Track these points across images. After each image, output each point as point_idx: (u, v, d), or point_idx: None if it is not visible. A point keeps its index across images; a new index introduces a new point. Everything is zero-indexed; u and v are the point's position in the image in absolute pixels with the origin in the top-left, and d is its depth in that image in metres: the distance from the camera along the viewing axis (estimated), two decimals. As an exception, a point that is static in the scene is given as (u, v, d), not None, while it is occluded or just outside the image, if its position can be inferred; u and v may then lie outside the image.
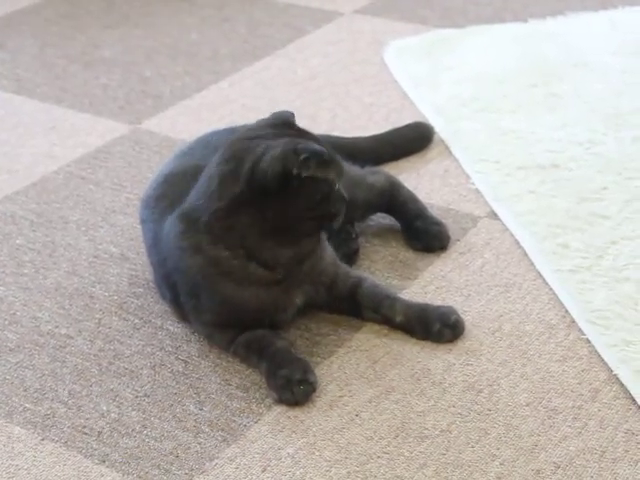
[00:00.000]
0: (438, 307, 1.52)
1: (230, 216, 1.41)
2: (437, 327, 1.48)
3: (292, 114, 1.49)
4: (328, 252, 1.52)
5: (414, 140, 1.96)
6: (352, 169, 1.70)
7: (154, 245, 1.54)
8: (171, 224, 1.48)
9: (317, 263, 1.49)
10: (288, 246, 1.43)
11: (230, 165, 1.41)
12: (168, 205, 1.53)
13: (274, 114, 1.49)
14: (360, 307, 1.53)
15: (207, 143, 1.64)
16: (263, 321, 1.47)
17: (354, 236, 1.67)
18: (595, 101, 2.09)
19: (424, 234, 1.68)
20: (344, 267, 1.55)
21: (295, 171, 1.36)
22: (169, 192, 1.56)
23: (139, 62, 2.44)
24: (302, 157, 1.36)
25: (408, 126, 1.98)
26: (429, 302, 1.55)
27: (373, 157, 1.87)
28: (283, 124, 1.46)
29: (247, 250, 1.42)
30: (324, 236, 1.51)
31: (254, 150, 1.39)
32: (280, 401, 1.39)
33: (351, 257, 1.65)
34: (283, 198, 1.38)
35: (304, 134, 1.45)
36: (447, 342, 1.48)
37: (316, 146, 1.39)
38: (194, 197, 1.46)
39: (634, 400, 1.36)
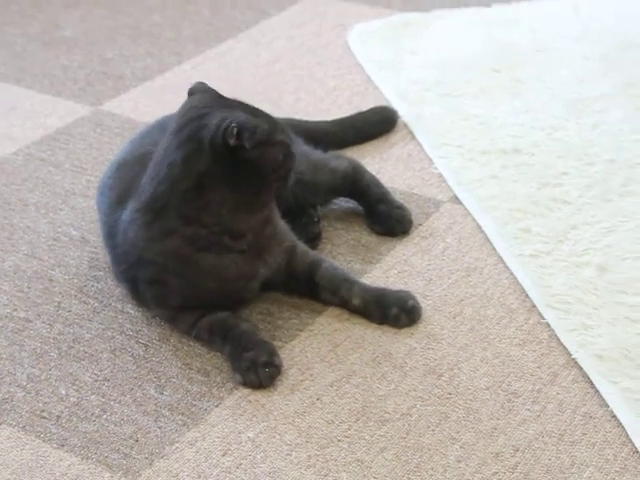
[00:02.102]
0: (396, 292, 1.52)
1: (201, 195, 1.40)
2: (394, 312, 1.49)
3: (205, 84, 1.48)
4: (280, 222, 1.53)
5: (378, 124, 1.96)
6: (314, 153, 1.71)
7: (109, 236, 1.53)
8: (131, 218, 1.46)
9: (274, 230, 1.49)
10: (256, 213, 1.44)
11: (191, 144, 1.40)
12: (121, 194, 1.51)
13: (193, 87, 1.48)
14: (318, 288, 1.53)
15: (162, 128, 1.62)
16: (235, 294, 1.47)
17: (316, 220, 1.67)
18: (557, 87, 2.10)
19: (387, 218, 1.69)
20: (303, 245, 1.55)
21: (259, 138, 1.36)
22: (122, 180, 1.54)
23: (100, 42, 2.41)
24: (262, 127, 1.37)
25: (372, 110, 1.98)
26: (391, 286, 1.55)
27: (337, 141, 1.87)
28: (217, 97, 1.45)
29: (221, 224, 1.42)
30: (274, 205, 1.51)
31: (210, 125, 1.38)
32: (244, 384, 1.39)
33: (313, 241, 1.64)
34: (250, 166, 1.39)
35: (241, 105, 1.45)
36: (403, 327, 1.48)
37: (264, 113, 1.43)
38: (152, 185, 1.44)
39: (592, 384, 1.38)
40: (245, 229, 1.44)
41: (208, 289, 1.46)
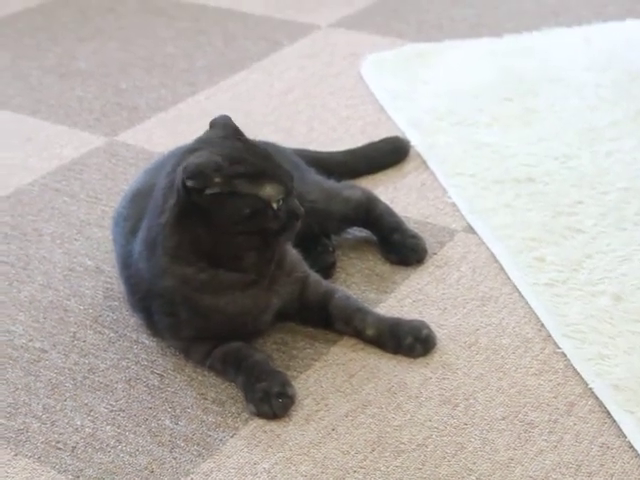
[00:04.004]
0: (410, 321, 1.51)
1: (177, 230, 1.40)
2: (408, 341, 1.48)
3: (228, 117, 1.45)
4: (292, 252, 1.51)
5: (390, 154, 1.97)
6: (327, 183, 1.72)
7: (124, 266, 1.54)
8: (138, 248, 1.47)
9: (282, 262, 1.48)
10: (244, 257, 1.41)
11: (169, 178, 1.41)
12: (134, 224, 1.52)
13: (214, 120, 1.45)
14: (331, 318, 1.52)
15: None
16: (246, 327, 1.46)
17: (331, 249, 1.68)
18: (570, 116, 2.11)
19: (401, 247, 1.69)
20: (315, 275, 1.55)
21: (216, 182, 1.34)
22: (137, 210, 1.54)
23: (114, 74, 2.43)
24: (222, 173, 1.33)
25: (384, 140, 1.99)
26: (406, 315, 1.55)
27: (349, 171, 1.87)
28: (233, 133, 1.43)
29: (208, 260, 1.41)
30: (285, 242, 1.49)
31: (184, 161, 1.38)
32: (258, 414, 1.39)
33: (328, 270, 1.64)
34: (209, 213, 1.36)
35: (246, 144, 1.42)
36: (418, 356, 1.48)
37: (216, 159, 1.34)
38: (149, 216, 1.45)
39: (609, 414, 1.37)
40: (242, 267, 1.42)
41: (216, 324, 1.45)
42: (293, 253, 1.52)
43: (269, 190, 1.38)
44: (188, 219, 1.39)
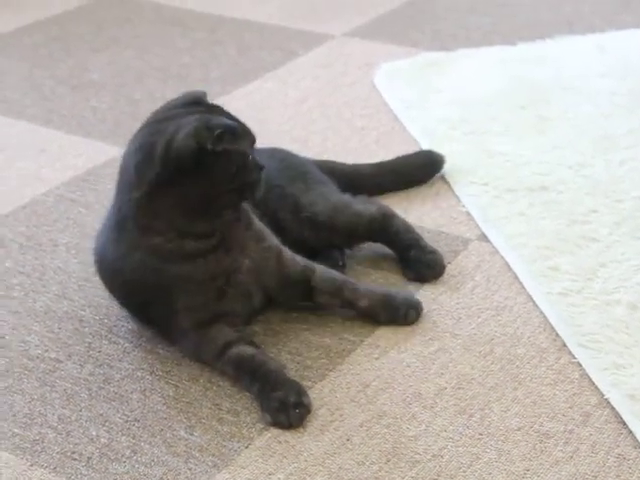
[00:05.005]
0: (398, 291, 1.59)
1: (152, 202, 1.42)
2: (403, 310, 1.54)
3: (204, 93, 1.49)
4: (259, 223, 1.53)
5: (421, 169, 1.92)
6: (337, 196, 1.70)
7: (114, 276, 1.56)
8: (104, 238, 1.51)
9: (248, 228, 1.50)
10: (213, 218, 1.45)
11: (143, 151, 1.42)
12: None
13: (184, 93, 1.50)
14: (314, 291, 1.55)
15: None
16: (224, 293, 1.47)
17: (340, 264, 1.67)
18: (583, 124, 2.11)
19: (418, 264, 1.67)
20: (289, 251, 1.55)
21: (209, 146, 1.38)
22: None
23: (129, 84, 2.45)
24: (216, 132, 1.38)
25: (417, 153, 1.95)
26: (421, 325, 1.55)
27: (375, 185, 1.86)
28: (192, 102, 1.47)
29: (178, 230, 1.44)
30: (248, 208, 1.51)
31: (165, 131, 1.40)
32: (274, 424, 1.39)
33: None
34: (201, 174, 1.40)
35: (213, 109, 1.46)
36: (413, 322, 1.54)
37: (227, 120, 1.42)
38: (117, 197, 1.48)
39: (625, 424, 1.36)
40: (208, 231, 1.45)
41: (193, 295, 1.46)
42: (260, 225, 1.54)
43: (245, 143, 1.44)
44: (169, 187, 1.41)
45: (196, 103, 1.47)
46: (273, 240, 1.54)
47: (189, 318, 1.48)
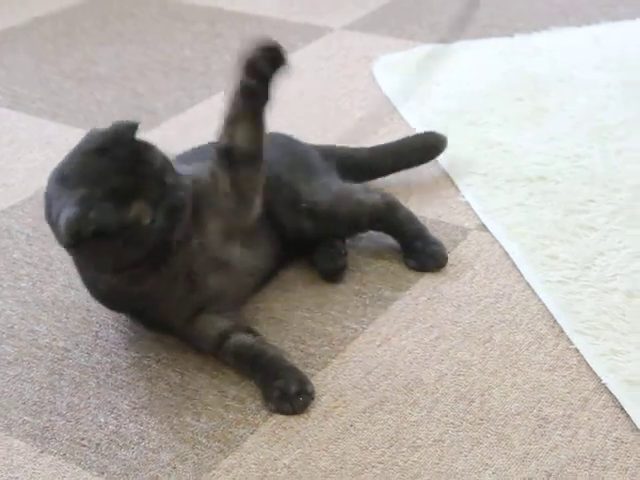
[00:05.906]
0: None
1: (81, 258, 1.45)
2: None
3: (135, 126, 1.38)
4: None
5: (420, 151, 1.92)
6: (339, 185, 1.70)
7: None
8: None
9: (203, 227, 1.47)
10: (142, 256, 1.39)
11: (49, 220, 1.40)
12: None
13: (113, 125, 1.39)
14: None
15: (185, 160, 1.66)
16: (188, 281, 1.46)
17: (343, 252, 1.68)
18: (580, 115, 2.13)
19: (421, 254, 1.69)
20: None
21: (86, 233, 1.31)
22: None
23: (133, 78, 2.47)
24: (90, 229, 1.31)
25: (418, 135, 1.95)
26: (421, 314, 1.58)
27: (374, 168, 1.87)
28: (112, 143, 1.36)
29: (118, 273, 1.42)
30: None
31: (51, 208, 1.37)
32: (278, 411, 1.41)
33: (337, 273, 1.67)
34: (89, 249, 1.36)
35: (126, 159, 1.36)
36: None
37: (105, 215, 1.30)
38: None
39: (623, 408, 1.39)
40: (143, 262, 1.40)
41: (162, 301, 1.46)
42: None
43: (136, 210, 1.33)
44: (79, 253, 1.41)
45: (115, 144, 1.36)
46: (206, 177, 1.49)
47: (172, 320, 1.50)
